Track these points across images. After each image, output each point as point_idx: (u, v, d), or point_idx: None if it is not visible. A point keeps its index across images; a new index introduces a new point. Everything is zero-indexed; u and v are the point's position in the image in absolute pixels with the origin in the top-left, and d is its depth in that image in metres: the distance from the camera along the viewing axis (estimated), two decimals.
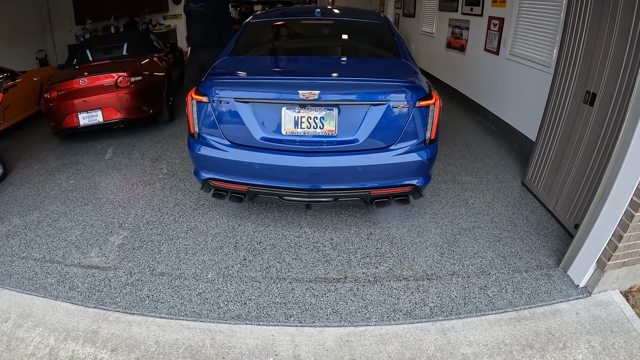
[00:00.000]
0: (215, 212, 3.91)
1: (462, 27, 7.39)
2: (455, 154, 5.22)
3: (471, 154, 5.23)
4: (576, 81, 3.48)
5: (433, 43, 8.87)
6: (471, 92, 7.18)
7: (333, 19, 4.31)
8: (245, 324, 2.66)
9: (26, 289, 3.00)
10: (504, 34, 5.86)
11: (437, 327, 2.64)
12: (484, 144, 5.60)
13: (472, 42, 7.02)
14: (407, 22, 10.62)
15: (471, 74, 7.13)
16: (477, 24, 6.80)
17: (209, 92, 3.07)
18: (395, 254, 3.31)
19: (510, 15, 5.63)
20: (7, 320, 2.70)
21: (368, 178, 3.13)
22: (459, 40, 7.52)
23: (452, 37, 7.84)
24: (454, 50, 7.80)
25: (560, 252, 3.28)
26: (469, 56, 7.22)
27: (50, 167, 5.13)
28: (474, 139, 5.78)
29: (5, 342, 2.54)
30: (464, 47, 7.33)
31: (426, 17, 9.45)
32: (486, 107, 6.53)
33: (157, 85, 6.38)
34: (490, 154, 5.27)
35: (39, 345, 2.51)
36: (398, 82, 3.09)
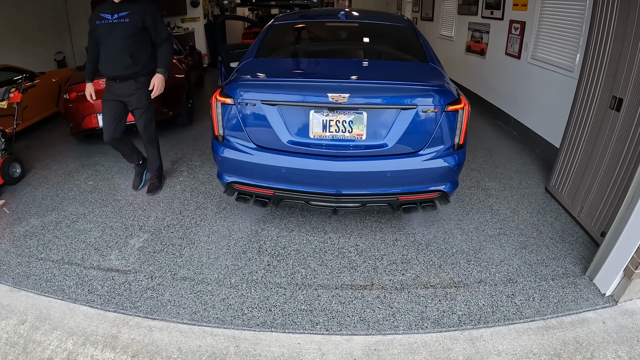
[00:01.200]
0: (237, 216, 3.87)
1: (482, 31, 7.31)
2: (477, 159, 5.14)
3: (493, 160, 5.16)
4: (602, 86, 3.41)
5: (452, 47, 8.80)
6: (491, 97, 7.10)
7: (358, 21, 4.27)
8: (270, 332, 2.61)
9: (44, 291, 2.97)
10: (525, 37, 5.78)
11: (465, 336, 2.58)
12: (505, 150, 5.52)
13: (493, 46, 6.94)
14: (425, 25, 10.55)
15: (491, 79, 7.05)
16: (497, 28, 6.72)
17: (235, 94, 3.03)
18: (421, 260, 3.25)
19: (532, 18, 5.56)
20: (24, 323, 2.67)
21: (396, 183, 3.08)
22: (479, 44, 7.44)
23: (472, 41, 7.76)
24: (474, 54, 7.72)
25: (586, 260, 3.21)
26: (489, 60, 7.14)
27: (69, 167, 5.14)
28: (496, 144, 5.71)
29: (21, 345, 2.50)
30: (484, 51, 7.25)
31: (445, 20, 9.39)
32: (507, 112, 6.45)
33: (177, 87, 6.37)
34: (512, 159, 5.19)
35: (57, 349, 2.47)
36: (428, 86, 3.04)
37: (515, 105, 6.21)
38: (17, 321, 2.69)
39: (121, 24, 3.69)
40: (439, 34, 9.62)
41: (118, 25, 3.70)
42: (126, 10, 3.70)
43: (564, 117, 4.02)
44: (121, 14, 3.69)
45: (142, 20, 3.74)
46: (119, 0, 3.67)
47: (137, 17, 3.71)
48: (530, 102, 5.71)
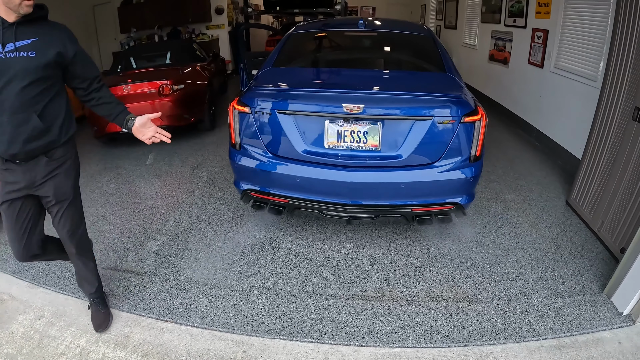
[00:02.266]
0: (253, 223, 3.90)
1: (505, 39, 7.24)
2: (497, 170, 5.07)
3: (514, 171, 5.08)
4: (625, 97, 3.33)
5: (475, 55, 8.72)
6: (514, 106, 7.00)
7: (376, 30, 4.26)
8: (278, 339, 2.62)
9: (61, 288, 3.05)
10: (548, 46, 5.70)
11: (474, 352, 2.54)
12: (527, 160, 5.43)
13: (516, 54, 6.86)
14: (448, 33, 10.50)
15: (514, 88, 6.96)
16: (520, 36, 6.64)
17: (252, 103, 3.08)
18: (435, 273, 3.22)
19: (555, 27, 5.47)
20: (40, 318, 2.76)
21: (411, 195, 3.06)
22: (502, 53, 7.36)
23: (495, 50, 7.69)
24: (497, 63, 7.64)
25: (605, 277, 3.12)
26: (512, 69, 7.05)
27: (92, 170, 5.27)
28: (517, 155, 5.62)
29: (37, 339, 2.58)
30: (507, 59, 7.17)
31: (468, 28, 9.33)
32: (529, 122, 6.35)
33: (200, 93, 6.48)
34: (533, 170, 5.10)
35: (70, 345, 2.55)
36: (444, 97, 3.02)
37: (537, 115, 6.12)
38: (34, 316, 2.78)
39: (21, 59, 2.05)
40: (463, 42, 9.55)
41: (15, 61, 2.04)
42: (30, 36, 2.09)
43: (587, 128, 3.94)
44: (21, 42, 2.07)
45: (58, 54, 2.16)
46: (16, 19, 2.05)
47: (48, 49, 2.12)
48: (552, 112, 5.61)
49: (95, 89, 2.34)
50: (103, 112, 2.40)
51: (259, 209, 3.42)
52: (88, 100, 2.37)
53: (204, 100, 6.54)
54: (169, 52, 7.19)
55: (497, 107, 7.51)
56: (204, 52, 8.24)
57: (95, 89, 2.34)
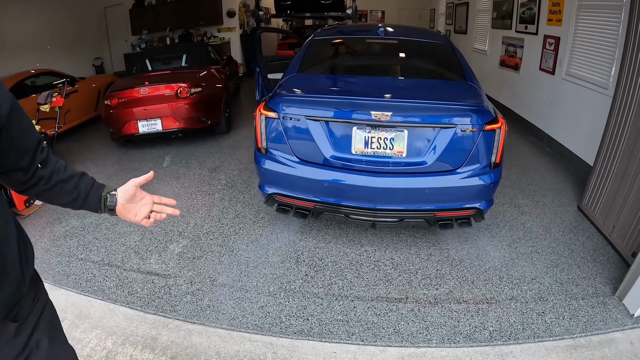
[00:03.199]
0: (275, 226, 3.97)
1: (516, 46, 7.31)
2: (511, 176, 5.15)
3: (527, 177, 5.16)
4: (636, 104, 3.40)
5: (486, 61, 8.80)
6: (525, 112, 7.07)
7: (397, 38, 4.34)
8: (307, 340, 2.69)
9: (84, 290, 3.09)
10: (560, 53, 5.76)
11: (495, 351, 2.62)
12: (539, 166, 5.51)
13: (527, 61, 6.93)
14: (458, 38, 10.57)
15: (525, 94, 7.02)
16: (532, 43, 6.71)
17: (279, 109, 3.15)
18: (455, 276, 3.30)
19: (567, 34, 5.54)
20: (63, 320, 2.69)
21: (434, 200, 3.15)
22: (513, 59, 7.43)
23: (506, 55, 7.76)
24: (508, 69, 7.71)
25: (617, 280, 3.21)
26: (523, 75, 7.12)
27: (109, 171, 5.34)
28: (530, 161, 5.69)
29: None
30: (518, 65, 7.24)
31: (478, 34, 9.40)
32: (541, 128, 6.41)
33: (216, 96, 6.56)
34: (546, 176, 5.18)
35: (96, 348, 2.56)
36: (467, 106, 3.11)
37: (549, 122, 6.19)
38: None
39: None
40: (473, 48, 9.63)
41: None
42: None
43: (599, 135, 4.02)
44: None
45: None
46: None
47: None
48: (564, 118, 5.68)
49: (42, 162, 1.29)
50: (63, 197, 1.38)
51: (283, 213, 3.47)
52: (33, 185, 1.30)
53: (220, 104, 6.61)
54: (185, 55, 7.26)
55: (508, 112, 7.57)
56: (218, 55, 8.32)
57: (41, 163, 1.29)
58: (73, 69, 8.22)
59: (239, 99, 9.40)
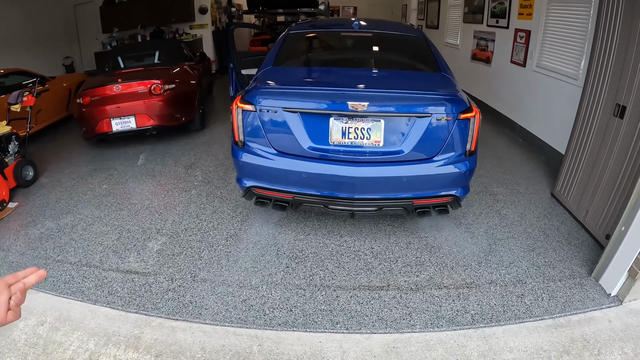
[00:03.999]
0: (254, 220, 3.96)
1: (487, 39, 7.43)
2: (485, 165, 5.24)
3: (501, 166, 5.27)
4: (606, 94, 3.52)
5: (458, 55, 8.92)
6: (497, 105, 7.21)
7: (371, 31, 4.37)
8: (292, 331, 2.70)
9: (62, 292, 3.02)
10: (530, 46, 5.89)
11: (478, 333, 2.69)
12: (512, 156, 5.63)
13: (498, 54, 7.06)
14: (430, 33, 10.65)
15: (497, 86, 7.16)
16: (503, 36, 6.84)
17: (256, 101, 3.14)
18: (434, 262, 3.36)
19: (537, 27, 5.66)
20: (43, 324, 2.71)
21: (412, 188, 3.19)
22: (485, 52, 7.56)
23: (478, 49, 7.88)
24: (480, 62, 7.84)
25: (592, 262, 3.32)
26: (494, 68, 7.25)
27: (82, 171, 5.23)
28: (503, 151, 5.81)
29: (41, 345, 2.54)
30: (490, 59, 7.37)
31: (450, 28, 9.52)
32: (513, 120, 6.55)
33: (190, 93, 6.48)
34: (519, 165, 5.30)
35: (78, 350, 2.51)
36: (442, 95, 3.16)
37: (521, 113, 6.32)
38: (36, 322, 2.73)
39: None
40: (445, 42, 9.74)
41: None
42: None
43: (569, 125, 4.14)
44: None
45: None
46: None
47: None
48: (536, 109, 5.81)
49: None
50: None
51: (262, 206, 3.48)
52: None
53: (194, 100, 6.54)
54: (158, 52, 7.16)
55: (481, 105, 7.69)
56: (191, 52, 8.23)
57: None
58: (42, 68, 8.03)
59: (212, 96, 9.32)
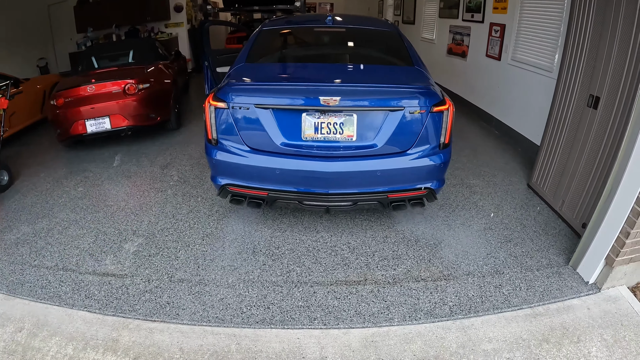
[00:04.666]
0: (230, 219, 3.94)
1: (463, 34, 7.49)
2: (462, 158, 5.28)
3: (477, 158, 5.31)
4: (580, 85, 3.57)
5: (434, 49, 8.97)
6: (473, 98, 7.27)
7: (345, 26, 4.37)
8: (270, 328, 2.68)
9: (40, 297, 2.97)
10: (505, 40, 5.95)
11: (457, 325, 2.71)
12: (488, 148, 5.69)
13: (474, 48, 7.12)
14: (406, 28, 10.72)
15: (473, 80, 7.22)
16: (478, 31, 6.90)
17: (228, 98, 3.11)
18: (411, 255, 3.37)
19: (512, 21, 5.73)
20: (21, 330, 2.67)
21: (386, 182, 3.19)
22: (460, 47, 7.62)
23: (453, 44, 7.93)
24: (455, 57, 7.89)
25: (569, 251, 3.37)
26: (470, 62, 7.31)
27: (58, 174, 5.14)
28: (479, 144, 5.87)
29: (20, 352, 2.50)
30: (465, 53, 7.43)
31: (426, 23, 9.55)
32: (489, 112, 6.62)
33: (165, 92, 6.41)
34: (495, 157, 5.35)
35: (57, 355, 2.49)
36: (414, 89, 3.17)
37: (496, 106, 6.39)
38: (14, 329, 2.68)
39: None
40: (421, 37, 9.78)
41: None
42: None
43: (544, 116, 4.19)
44: None
45: None
46: None
47: None
48: (511, 102, 5.87)
49: None
50: None
51: (237, 204, 3.44)
52: None
53: (169, 99, 6.47)
54: (132, 51, 7.06)
55: (457, 99, 7.73)
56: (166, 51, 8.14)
57: None
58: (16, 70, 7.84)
59: (188, 95, 9.23)
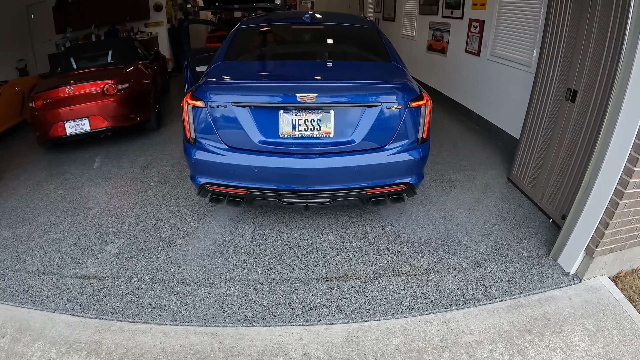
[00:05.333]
0: (211, 218, 3.93)
1: (442, 30, 7.54)
2: (442, 153, 5.33)
3: (457, 153, 5.36)
4: (557, 79, 3.62)
5: (414, 46, 9.03)
6: (454, 93, 7.33)
7: (323, 23, 4.38)
8: (252, 326, 2.69)
9: (22, 302, 2.94)
10: (484, 35, 6.01)
11: (439, 318, 2.74)
12: (468, 143, 5.74)
13: (453, 44, 7.17)
14: (387, 25, 10.77)
15: (453, 76, 7.27)
16: (457, 27, 6.96)
17: (206, 97, 3.10)
18: (392, 250, 3.39)
19: (491, 17, 5.79)
20: (4, 336, 2.64)
21: (365, 178, 3.20)
22: (440, 43, 7.67)
23: (433, 40, 7.99)
24: (435, 53, 7.95)
25: (549, 243, 3.42)
26: (450, 58, 7.36)
27: (38, 177, 5.06)
28: (459, 139, 5.92)
29: (3, 358, 2.48)
30: (445, 49, 7.48)
31: (406, 20, 9.61)
32: (469, 107, 6.68)
33: (144, 92, 6.35)
34: (475, 152, 5.41)
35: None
36: (391, 84, 3.19)
37: (476, 101, 6.45)
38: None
39: None
40: (401, 34, 9.84)
41: None
42: None
43: (523, 110, 4.24)
44: None
45: None
46: None
47: None
48: (490, 97, 5.94)
49: None
50: None
51: (217, 203, 3.43)
52: None
53: (149, 99, 6.41)
54: (111, 51, 6.99)
55: (438, 95, 7.80)
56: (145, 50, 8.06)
57: None
58: None
59: (168, 95, 9.16)
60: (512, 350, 2.49)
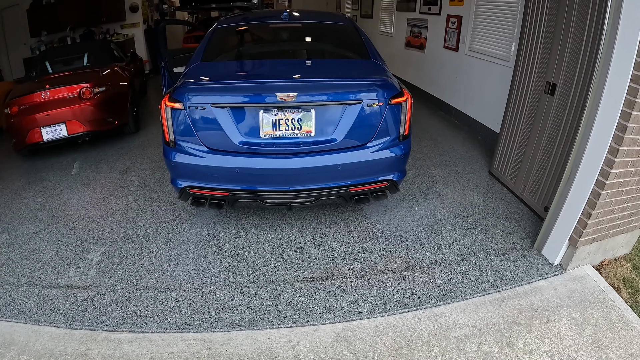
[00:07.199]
0: (193, 221, 3.88)
1: (420, 26, 7.58)
2: (422, 149, 5.36)
3: (438, 148, 5.40)
4: (536, 73, 3.67)
5: (392, 43, 9.06)
6: (433, 89, 7.38)
7: (301, 22, 4.35)
8: (240, 330, 2.66)
9: (4, 316, 2.86)
10: (462, 31, 6.07)
11: (427, 314, 2.75)
12: (449, 138, 5.78)
13: (431, 40, 7.22)
14: (365, 23, 10.77)
15: (432, 72, 7.32)
16: (435, 23, 7.01)
17: (184, 99, 3.05)
18: (377, 248, 3.40)
19: (468, 13, 5.85)
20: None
21: (347, 176, 3.20)
22: (418, 39, 7.71)
23: (411, 36, 8.02)
24: (414, 49, 7.98)
25: (533, 234, 3.47)
26: (428, 54, 7.41)
27: (15, 186, 4.95)
28: (439, 134, 5.96)
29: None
30: (424, 45, 7.53)
31: (384, 17, 9.62)
32: (448, 103, 6.74)
33: (121, 95, 6.26)
34: (456, 147, 5.45)
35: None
36: (371, 81, 3.18)
37: (455, 96, 6.51)
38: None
39: None
40: (379, 31, 9.86)
41: None
42: None
43: (503, 104, 4.28)
44: None
45: None
46: None
47: None
48: (469, 92, 6.00)
49: None
50: None
51: (199, 206, 3.38)
52: None
53: (126, 102, 6.32)
54: (86, 54, 6.86)
55: (417, 90, 7.84)
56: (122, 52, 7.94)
57: None
58: None
59: (146, 97, 9.03)
60: (501, 342, 2.52)
